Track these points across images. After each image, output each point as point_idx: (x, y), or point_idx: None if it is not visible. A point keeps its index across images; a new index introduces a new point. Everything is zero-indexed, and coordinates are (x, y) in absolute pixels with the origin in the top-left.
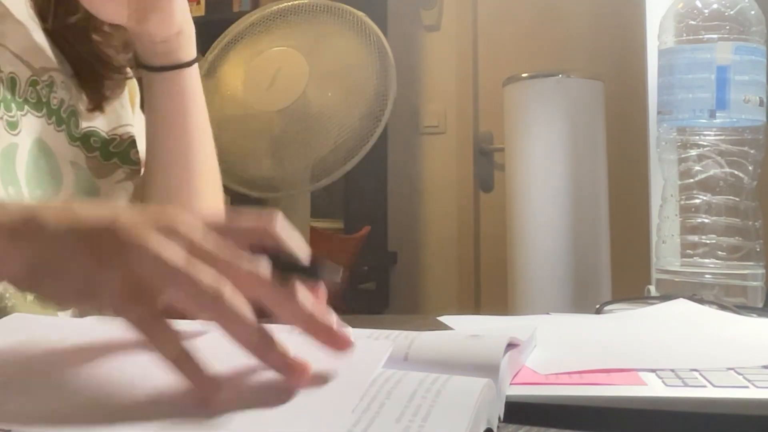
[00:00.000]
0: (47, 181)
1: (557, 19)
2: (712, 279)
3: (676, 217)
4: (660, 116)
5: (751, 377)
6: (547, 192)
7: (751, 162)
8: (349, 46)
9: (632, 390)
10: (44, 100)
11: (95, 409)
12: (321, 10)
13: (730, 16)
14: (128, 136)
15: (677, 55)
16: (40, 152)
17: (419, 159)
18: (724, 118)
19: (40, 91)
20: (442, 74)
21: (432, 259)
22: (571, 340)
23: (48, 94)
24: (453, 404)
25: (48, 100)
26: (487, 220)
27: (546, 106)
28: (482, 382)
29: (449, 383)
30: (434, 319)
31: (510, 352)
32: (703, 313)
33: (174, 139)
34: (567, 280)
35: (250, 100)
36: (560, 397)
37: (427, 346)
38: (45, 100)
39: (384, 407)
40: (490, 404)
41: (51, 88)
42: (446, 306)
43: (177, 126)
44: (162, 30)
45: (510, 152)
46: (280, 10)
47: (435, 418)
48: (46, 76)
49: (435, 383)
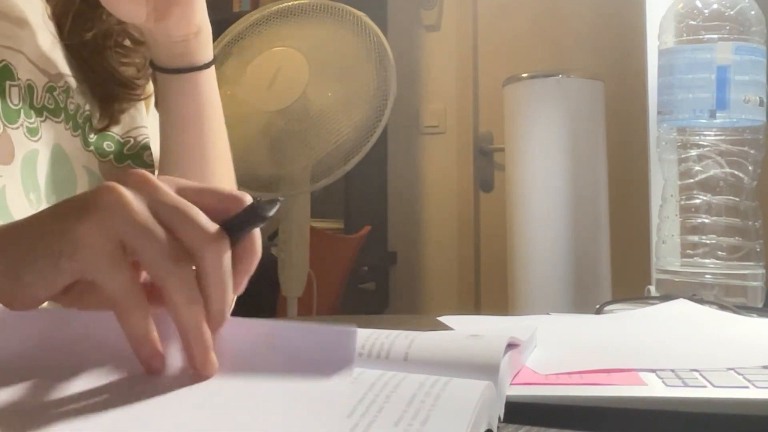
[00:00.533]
0: (63, 188)
1: (557, 19)
2: (712, 279)
3: (676, 217)
4: (660, 116)
5: (751, 377)
6: (547, 192)
7: (751, 162)
8: (349, 46)
9: (632, 390)
10: (62, 106)
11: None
12: (321, 10)
13: (730, 16)
14: (142, 137)
15: (677, 55)
16: (58, 158)
17: (419, 159)
18: (724, 118)
19: (57, 97)
20: (442, 74)
21: (432, 259)
22: (571, 340)
23: (65, 100)
24: (452, 408)
25: (65, 105)
26: (487, 220)
27: (546, 106)
28: (482, 385)
29: (449, 386)
30: (434, 319)
31: (510, 352)
32: (703, 313)
33: (189, 140)
34: (567, 280)
35: (250, 100)
36: (560, 397)
37: (427, 346)
38: (62, 106)
39: (383, 411)
40: (490, 406)
41: (68, 93)
42: (446, 306)
43: (192, 127)
44: (182, 28)
45: (510, 152)
46: (280, 10)
47: (434, 421)
48: (62, 82)
49: (434, 386)
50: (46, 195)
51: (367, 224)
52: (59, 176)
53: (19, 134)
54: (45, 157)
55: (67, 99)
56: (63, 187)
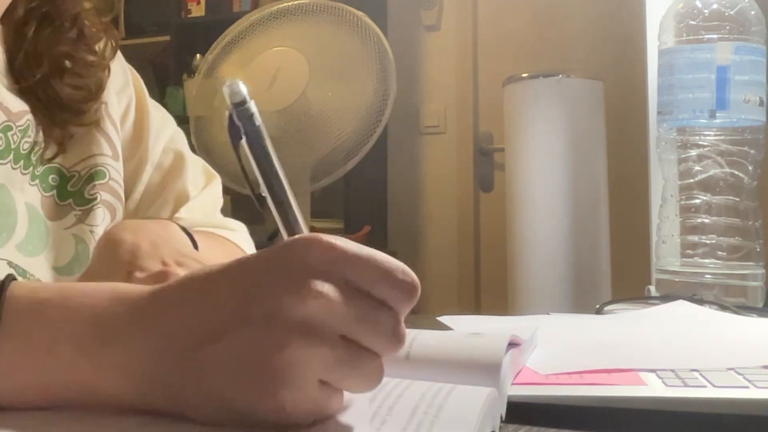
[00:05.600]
0: (1, 225)
1: (557, 19)
2: (712, 279)
3: (676, 217)
4: (660, 116)
5: (751, 377)
6: (547, 192)
7: (751, 162)
8: (349, 46)
9: (632, 390)
10: (12, 146)
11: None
12: (321, 10)
13: (730, 16)
14: (88, 170)
15: (677, 55)
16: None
17: (419, 159)
18: (724, 118)
19: (11, 137)
20: (442, 74)
21: (432, 259)
22: (571, 340)
23: (19, 140)
24: (456, 419)
25: (18, 146)
26: (487, 220)
27: (546, 106)
28: (485, 393)
29: (451, 397)
30: (434, 319)
31: (511, 351)
32: (703, 313)
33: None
34: (567, 280)
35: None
36: (560, 397)
37: (429, 344)
38: (14, 146)
39: (385, 424)
40: (493, 409)
41: (26, 132)
42: (446, 306)
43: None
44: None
45: (510, 152)
46: (280, 10)
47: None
48: (23, 120)
49: (437, 397)
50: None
51: (367, 224)
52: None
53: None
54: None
55: (22, 139)
56: (2, 226)
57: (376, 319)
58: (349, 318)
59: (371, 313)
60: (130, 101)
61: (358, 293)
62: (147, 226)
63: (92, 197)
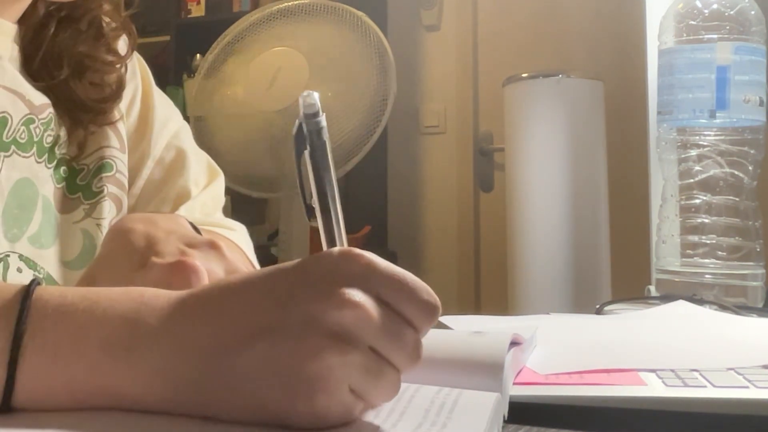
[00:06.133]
0: (22, 218)
1: (557, 18)
2: (712, 279)
3: (676, 217)
4: (660, 116)
5: (751, 377)
6: (547, 192)
7: (751, 162)
8: (349, 46)
9: (632, 390)
10: (36, 139)
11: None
12: (321, 10)
13: (730, 16)
14: (96, 162)
15: (677, 55)
16: (21, 191)
17: (419, 159)
18: (724, 118)
19: (34, 130)
20: (442, 74)
21: (432, 259)
22: (571, 340)
23: (42, 133)
24: (464, 426)
25: (41, 139)
26: (487, 220)
27: (546, 106)
28: (492, 398)
29: (458, 405)
30: None
31: (512, 350)
32: (703, 313)
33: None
34: (567, 280)
35: (250, 100)
36: (560, 397)
37: (431, 343)
38: (37, 139)
39: (396, 428)
40: (498, 412)
41: (48, 125)
42: (446, 306)
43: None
44: None
45: (510, 152)
46: (280, 10)
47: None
48: (46, 113)
49: (444, 407)
50: (4, 228)
51: (367, 224)
52: (19, 207)
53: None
54: (5, 191)
55: (44, 132)
56: (22, 218)
57: (402, 335)
58: (379, 330)
59: (398, 329)
60: (136, 90)
61: (387, 308)
62: (156, 216)
63: (99, 190)
